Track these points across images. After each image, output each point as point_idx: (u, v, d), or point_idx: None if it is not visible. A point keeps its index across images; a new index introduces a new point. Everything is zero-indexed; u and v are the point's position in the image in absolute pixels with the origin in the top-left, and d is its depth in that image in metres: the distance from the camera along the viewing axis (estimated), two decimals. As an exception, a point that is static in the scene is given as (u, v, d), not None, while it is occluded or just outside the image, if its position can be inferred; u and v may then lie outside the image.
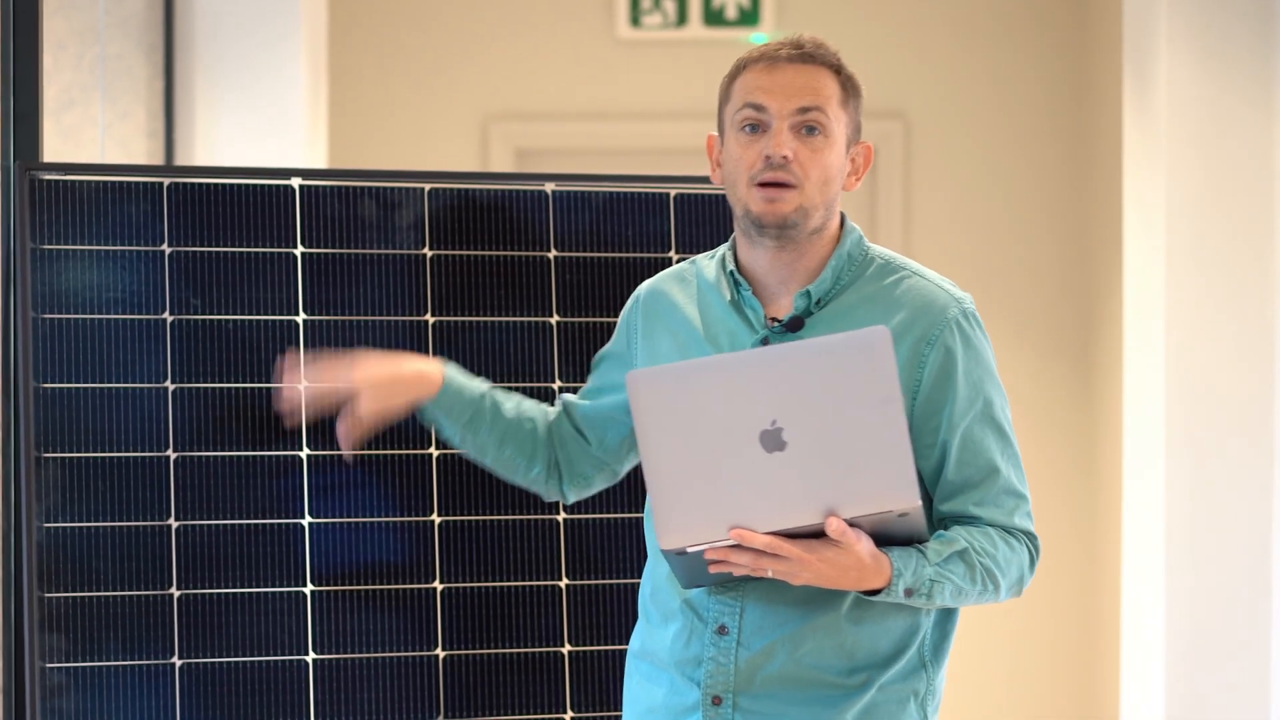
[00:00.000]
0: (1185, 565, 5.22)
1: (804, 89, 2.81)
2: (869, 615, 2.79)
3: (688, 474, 2.61)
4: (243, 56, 5.24)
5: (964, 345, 2.82)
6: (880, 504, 2.61)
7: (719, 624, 2.80)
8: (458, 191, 3.64)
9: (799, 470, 2.60)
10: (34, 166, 3.49)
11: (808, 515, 2.60)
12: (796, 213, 2.78)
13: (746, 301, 2.86)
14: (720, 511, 2.60)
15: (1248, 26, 5.19)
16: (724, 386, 2.61)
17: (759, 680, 2.79)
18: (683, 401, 2.61)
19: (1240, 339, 5.20)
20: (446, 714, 3.53)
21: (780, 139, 2.78)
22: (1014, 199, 6.84)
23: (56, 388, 3.45)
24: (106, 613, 3.43)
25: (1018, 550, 2.84)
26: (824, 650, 2.78)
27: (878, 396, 2.59)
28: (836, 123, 2.82)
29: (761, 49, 2.86)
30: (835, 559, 2.62)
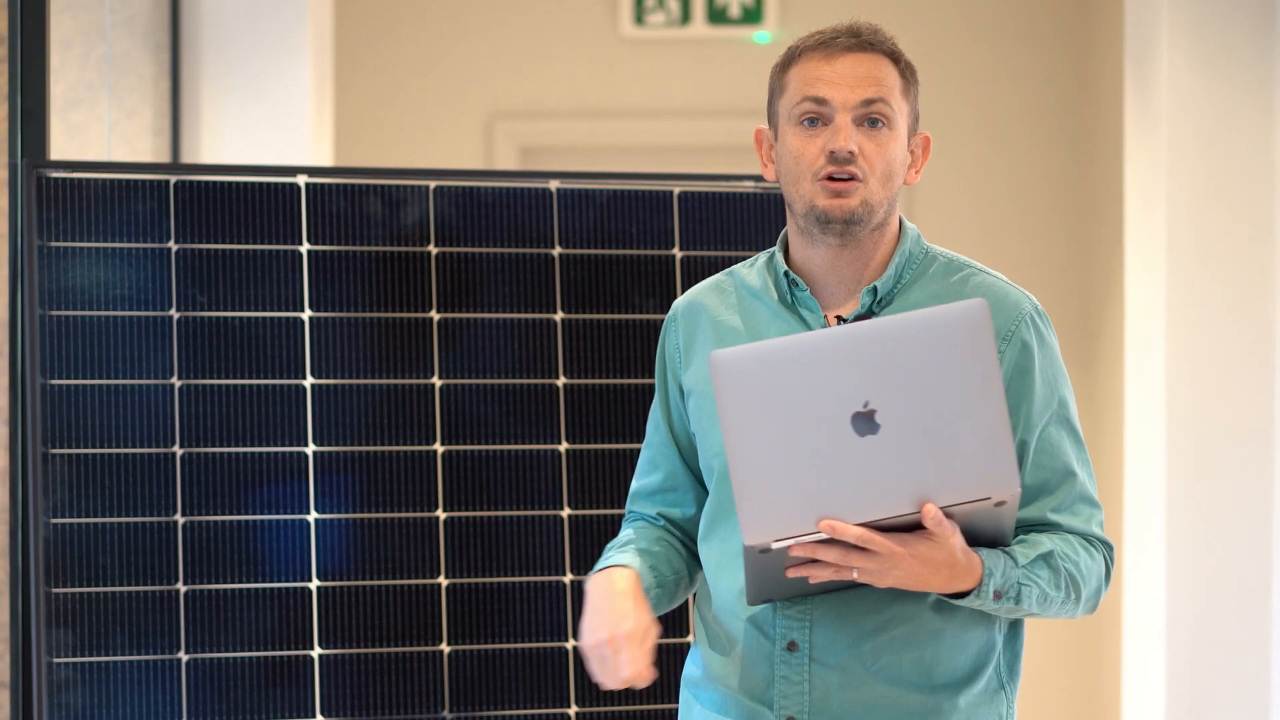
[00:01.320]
0: (1186, 561, 5.22)
1: (866, 79, 2.65)
2: (948, 628, 2.63)
3: (774, 462, 2.42)
4: (248, 55, 5.24)
5: (1039, 343, 2.71)
6: (979, 490, 2.43)
7: (788, 640, 2.63)
8: (463, 189, 3.65)
9: (893, 455, 2.42)
10: (41, 164, 3.50)
11: (902, 504, 2.42)
12: (862, 207, 2.63)
13: (803, 301, 2.71)
14: (809, 502, 2.42)
15: (1248, 24, 5.20)
16: (813, 366, 2.42)
17: (835, 699, 2.62)
18: (769, 383, 2.42)
19: (1241, 334, 5.20)
20: (452, 708, 3.53)
21: (845, 133, 2.62)
22: (1016, 195, 6.84)
23: (63, 384, 3.46)
24: (113, 608, 3.44)
25: (1096, 560, 2.67)
26: (902, 665, 2.62)
27: (977, 374, 2.42)
28: (899, 113, 2.67)
29: (816, 36, 2.70)
30: (928, 554, 2.46)
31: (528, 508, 3.59)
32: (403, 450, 3.56)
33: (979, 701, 2.67)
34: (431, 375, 3.60)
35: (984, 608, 2.57)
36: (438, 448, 3.57)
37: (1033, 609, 2.60)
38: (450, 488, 3.57)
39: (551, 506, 3.60)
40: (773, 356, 2.44)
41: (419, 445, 3.57)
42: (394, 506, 3.55)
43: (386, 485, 3.55)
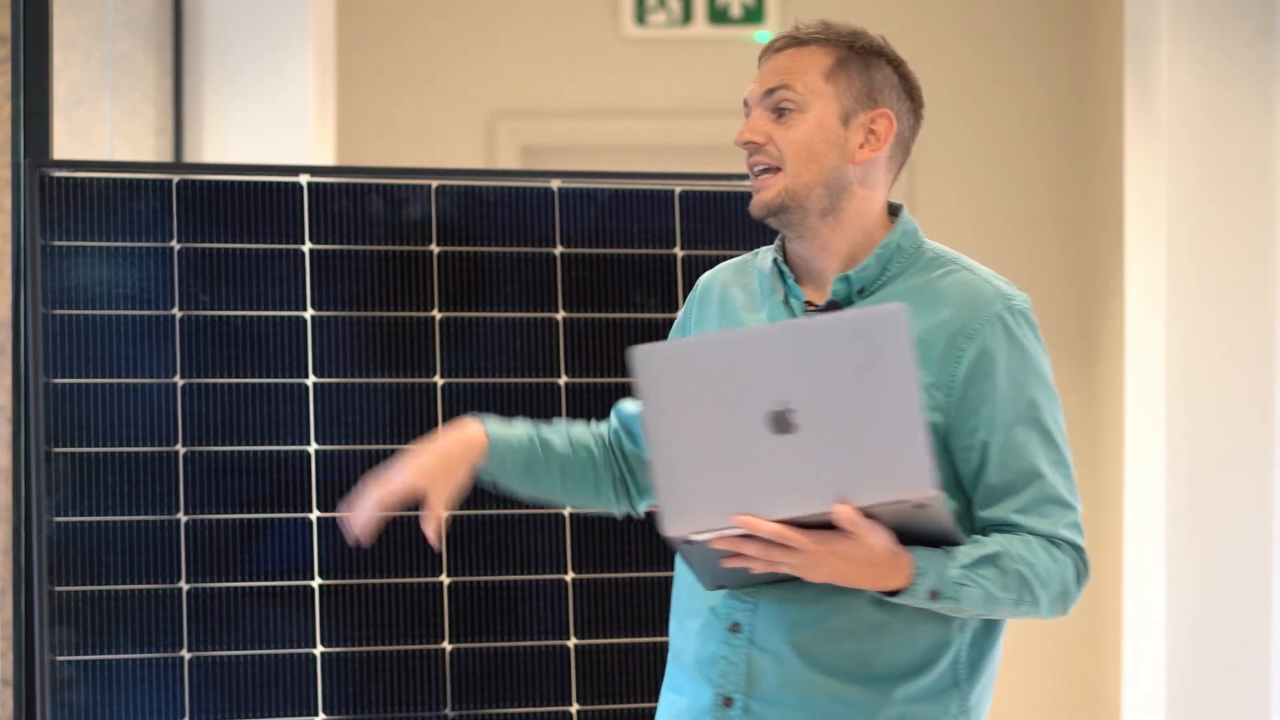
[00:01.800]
0: (1186, 561, 5.22)
1: (775, 71, 2.71)
2: (893, 624, 2.63)
3: (694, 457, 2.46)
4: (251, 54, 5.25)
5: (1008, 343, 2.68)
6: (895, 493, 2.44)
7: (732, 621, 2.67)
8: (464, 188, 3.65)
9: (809, 455, 2.43)
10: (44, 163, 3.50)
11: (818, 503, 2.44)
12: (781, 195, 2.67)
13: (791, 290, 2.73)
14: (727, 498, 2.45)
15: (1248, 24, 5.20)
16: (732, 364, 2.46)
17: (769, 682, 2.65)
18: (690, 379, 2.46)
19: (1241, 334, 5.21)
20: (453, 706, 3.54)
21: (747, 124, 2.71)
22: (1017, 195, 6.85)
23: (66, 383, 3.46)
24: (116, 606, 3.44)
25: (1061, 562, 2.64)
26: (839, 656, 2.63)
27: (892, 377, 2.43)
28: (814, 95, 2.69)
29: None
30: (849, 552, 2.47)
31: (529, 506, 3.57)
32: (405, 449, 3.56)
33: (921, 697, 2.66)
34: (434, 374, 3.60)
35: (922, 606, 2.57)
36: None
37: (976, 609, 2.59)
38: (452, 486, 3.57)
39: (552, 505, 3.60)
40: (693, 352, 2.49)
41: (421, 444, 3.58)
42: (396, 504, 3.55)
43: (389, 484, 3.55)
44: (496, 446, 2.87)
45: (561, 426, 2.95)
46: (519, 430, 2.90)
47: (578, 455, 2.93)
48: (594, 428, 2.97)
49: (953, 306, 2.67)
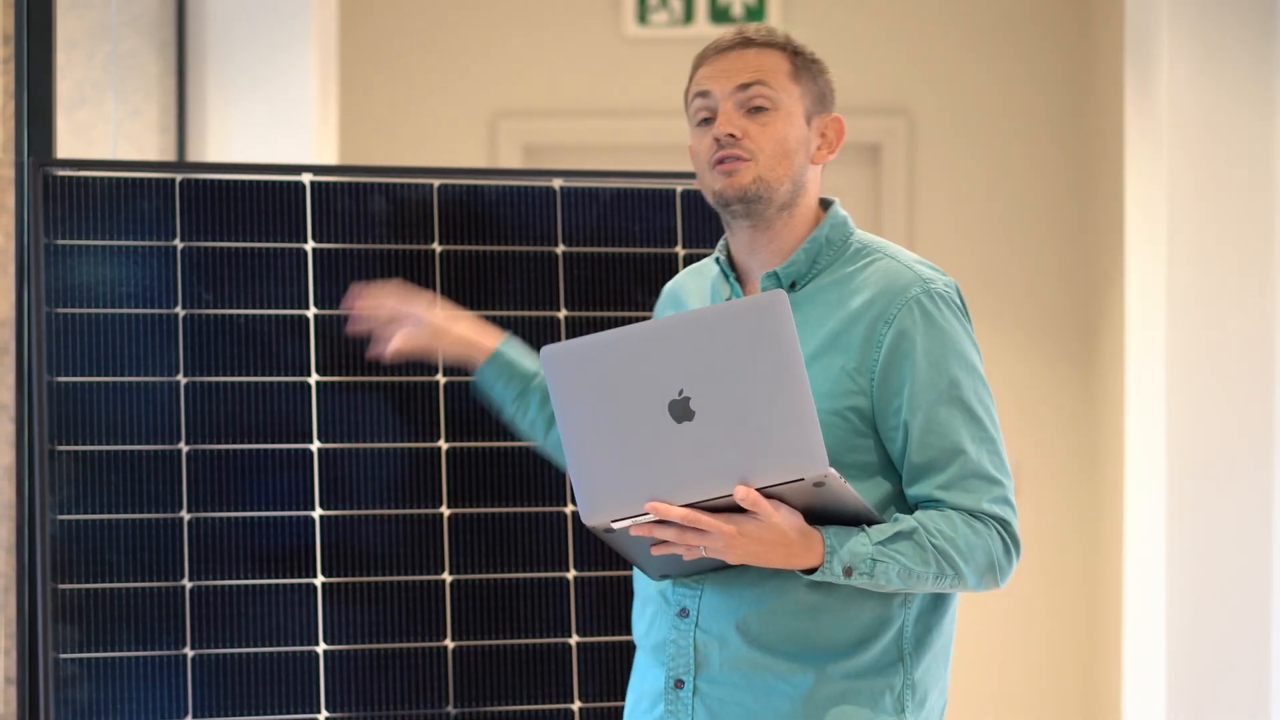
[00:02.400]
0: (1186, 559, 5.23)
1: (744, 67, 2.80)
2: (828, 604, 2.73)
3: (604, 449, 2.58)
4: (254, 54, 5.25)
5: (925, 324, 2.75)
6: (791, 472, 2.55)
7: (680, 606, 2.79)
8: (466, 187, 3.65)
9: (709, 439, 2.55)
10: (47, 162, 3.50)
11: (722, 486, 2.56)
12: (755, 183, 2.78)
13: (734, 290, 2.86)
14: (638, 486, 2.57)
15: (1248, 26, 5.20)
16: (632, 357, 2.58)
17: (716, 664, 2.76)
18: (594, 375, 2.58)
19: (1241, 335, 5.21)
20: (456, 704, 3.54)
21: (724, 118, 2.79)
22: (1017, 195, 6.85)
23: (70, 381, 3.46)
24: (119, 604, 3.44)
25: (984, 535, 2.71)
26: (777, 635, 2.74)
27: (777, 361, 2.54)
28: (786, 95, 2.81)
29: (707, 45, 2.88)
30: (757, 533, 2.58)
31: (531, 504, 3.59)
32: (407, 447, 3.57)
33: (862, 673, 2.75)
34: (436, 372, 3.60)
35: (837, 582, 2.67)
36: (442, 445, 3.58)
37: (893, 583, 2.67)
38: (454, 484, 3.57)
39: (555, 503, 3.61)
40: (595, 349, 2.60)
41: (423, 442, 3.58)
42: (398, 503, 3.56)
43: (391, 482, 3.56)
44: (499, 361, 3.10)
45: None
46: (531, 364, 3.12)
47: None
48: None
49: (871, 292, 2.77)
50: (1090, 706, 6.77)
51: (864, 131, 6.75)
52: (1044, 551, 6.64)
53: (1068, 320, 6.76)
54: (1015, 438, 6.55)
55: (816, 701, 2.74)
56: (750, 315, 2.55)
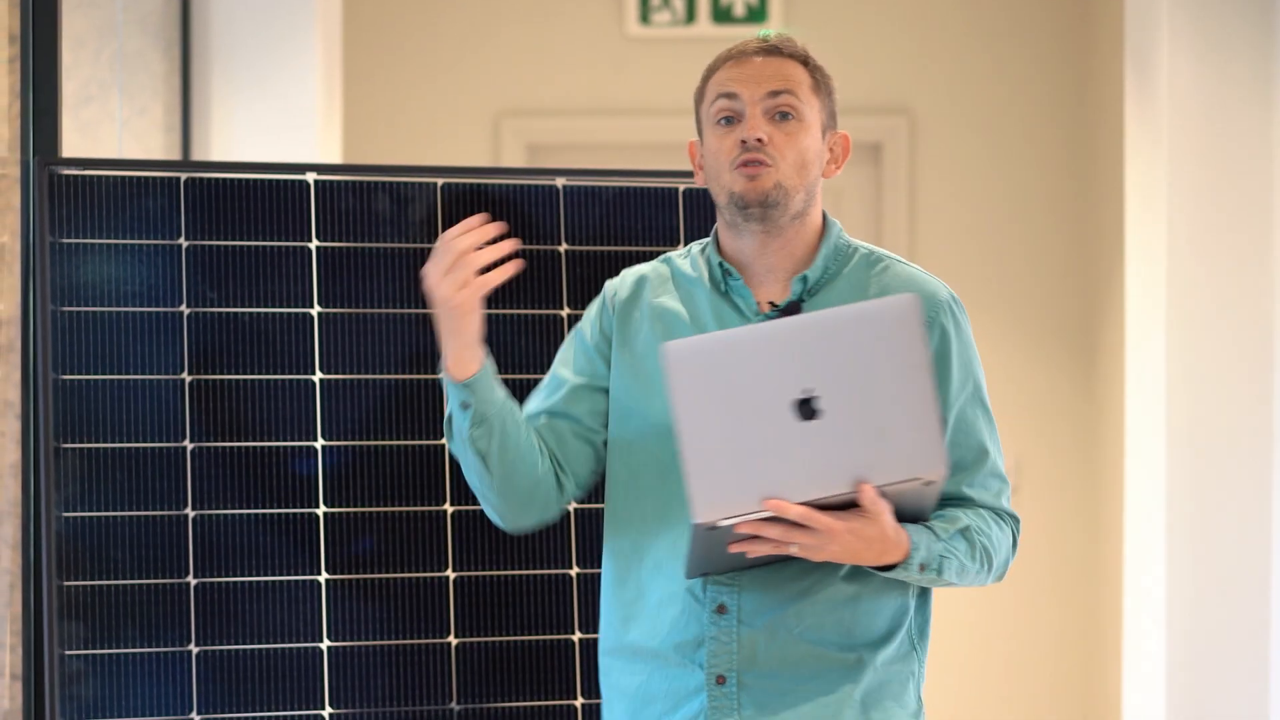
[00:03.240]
0: (1186, 559, 5.23)
1: (773, 75, 2.87)
2: (865, 593, 2.81)
3: (722, 446, 2.58)
4: (258, 53, 5.26)
5: (956, 329, 2.87)
6: (911, 471, 2.61)
7: (718, 604, 2.81)
8: (470, 186, 3.65)
9: (832, 439, 2.58)
10: (53, 161, 3.50)
11: (839, 484, 2.59)
12: (776, 190, 2.83)
13: (736, 290, 2.89)
14: (754, 483, 2.58)
15: (1248, 22, 5.21)
16: (758, 356, 2.59)
17: (762, 657, 2.80)
18: (717, 372, 2.59)
19: (1241, 330, 5.21)
20: (459, 700, 3.54)
21: (754, 123, 2.83)
22: (1017, 192, 6.86)
23: (75, 379, 3.46)
24: (124, 601, 3.45)
25: (1005, 532, 2.87)
26: (824, 625, 2.80)
27: (908, 363, 2.59)
28: (809, 107, 2.87)
29: (730, 48, 2.94)
30: (863, 530, 2.63)
31: (534, 501, 3.59)
32: (411, 445, 3.57)
33: (893, 659, 2.85)
34: (440, 370, 3.60)
35: (907, 578, 2.74)
36: (445, 442, 3.58)
37: (950, 579, 2.78)
38: (458, 482, 3.55)
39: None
40: (721, 347, 2.61)
41: (427, 440, 3.58)
42: (402, 500, 3.56)
43: (395, 479, 3.56)
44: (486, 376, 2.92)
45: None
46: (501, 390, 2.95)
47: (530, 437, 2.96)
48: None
49: None
50: (1090, 707, 6.77)
51: (865, 130, 6.76)
52: (1044, 547, 6.65)
53: (1068, 317, 6.77)
54: (1016, 434, 6.56)
55: (866, 689, 2.82)
56: (886, 317, 2.60)
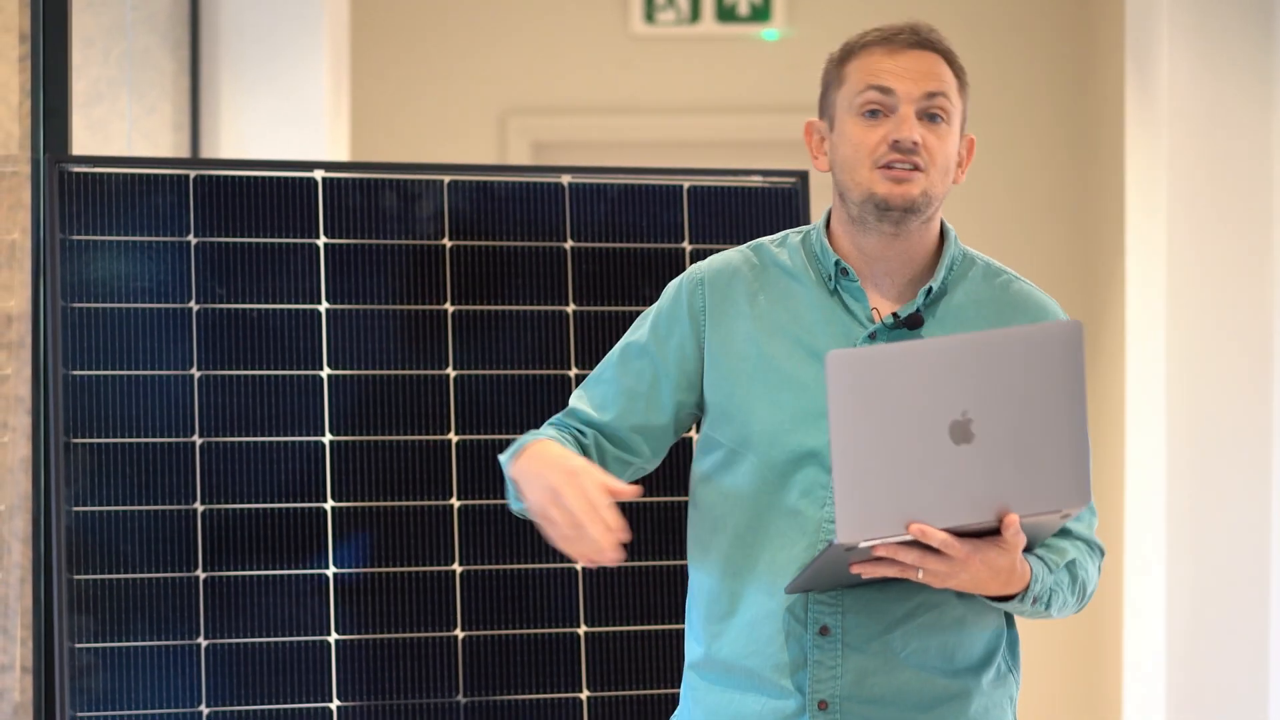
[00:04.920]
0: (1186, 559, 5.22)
1: (929, 74, 2.73)
2: (970, 616, 2.70)
3: (874, 465, 2.42)
4: (267, 52, 5.26)
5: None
6: (1056, 503, 2.49)
7: (820, 625, 2.67)
8: (476, 184, 3.66)
9: (984, 464, 2.44)
10: (63, 159, 3.51)
11: (984, 512, 2.46)
12: (923, 197, 2.69)
13: (850, 291, 2.74)
14: (901, 505, 2.44)
15: (1248, 22, 5.21)
16: (920, 373, 2.44)
17: (868, 683, 2.67)
18: (879, 387, 2.43)
19: (1241, 330, 5.21)
20: (465, 693, 3.55)
21: (910, 123, 2.68)
22: (1018, 191, 6.86)
23: (85, 375, 3.47)
24: (134, 594, 3.45)
25: (1095, 565, 2.74)
26: (929, 651, 2.68)
27: (1067, 391, 2.46)
28: (956, 111, 2.73)
29: (877, 32, 2.77)
30: (995, 561, 2.51)
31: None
32: (418, 440, 3.57)
33: (992, 684, 2.73)
34: (446, 366, 3.61)
35: (1016, 610, 2.63)
36: (452, 437, 3.58)
37: (1052, 612, 2.67)
38: (464, 476, 3.57)
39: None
40: (886, 360, 2.45)
41: (434, 435, 3.58)
42: (409, 495, 3.56)
43: (402, 474, 3.56)
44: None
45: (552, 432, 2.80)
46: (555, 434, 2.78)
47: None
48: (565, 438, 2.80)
49: (1032, 316, 2.76)
50: (1090, 706, 6.77)
51: (870, 128, 6.77)
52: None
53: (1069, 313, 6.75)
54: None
55: (972, 715, 2.71)
56: (1050, 342, 2.47)
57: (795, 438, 2.70)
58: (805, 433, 2.69)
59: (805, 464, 2.69)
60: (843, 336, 2.72)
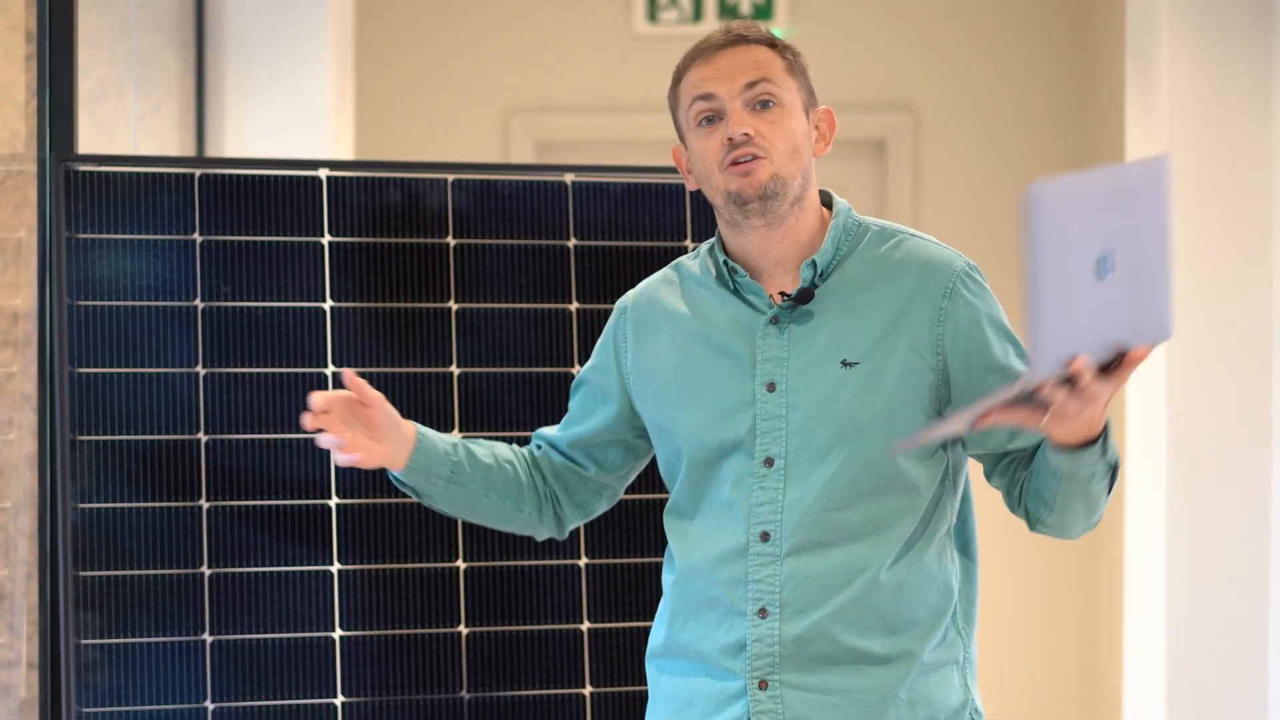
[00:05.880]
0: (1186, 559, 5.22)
1: (745, 66, 2.76)
2: (907, 580, 2.73)
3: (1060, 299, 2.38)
4: (272, 51, 5.27)
5: (981, 295, 2.78)
6: (1154, 335, 2.48)
7: (759, 607, 2.73)
8: (480, 182, 3.66)
9: (1116, 299, 2.42)
10: (69, 158, 3.51)
11: (1110, 347, 2.45)
12: (772, 181, 2.73)
13: (745, 287, 2.80)
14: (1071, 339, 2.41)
15: (1247, 22, 5.21)
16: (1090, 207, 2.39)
17: (805, 659, 2.73)
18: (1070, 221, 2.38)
19: (1241, 332, 5.21)
20: (469, 689, 3.56)
21: (737, 117, 2.74)
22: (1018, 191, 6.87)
23: (91, 372, 3.48)
24: (140, 590, 3.46)
25: None
26: (866, 621, 2.72)
27: (1166, 225, 2.46)
28: (787, 91, 2.77)
29: (695, 46, 2.83)
30: (1107, 396, 2.50)
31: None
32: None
33: (936, 648, 2.77)
34: (450, 364, 3.62)
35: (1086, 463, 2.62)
36: (455, 435, 3.59)
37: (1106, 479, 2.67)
38: (468, 473, 3.59)
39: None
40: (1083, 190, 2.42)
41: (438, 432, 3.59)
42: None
43: (406, 471, 3.57)
44: (423, 446, 2.87)
45: (486, 443, 2.97)
46: (446, 438, 2.92)
47: (504, 470, 2.95)
48: (518, 450, 3.00)
49: (919, 272, 2.79)
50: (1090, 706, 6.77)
51: (869, 127, 6.78)
52: (1044, 547, 6.65)
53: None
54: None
55: (911, 685, 2.74)
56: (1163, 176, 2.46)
57: (718, 433, 2.78)
58: (726, 426, 2.78)
59: (729, 454, 2.78)
60: (747, 327, 2.80)
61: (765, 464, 2.75)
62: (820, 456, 2.74)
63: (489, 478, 2.93)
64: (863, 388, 2.74)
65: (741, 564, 2.76)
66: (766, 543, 2.74)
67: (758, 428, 2.76)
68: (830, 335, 2.77)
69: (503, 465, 2.95)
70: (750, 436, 2.76)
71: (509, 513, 2.96)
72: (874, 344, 2.76)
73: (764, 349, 2.78)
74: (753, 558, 2.75)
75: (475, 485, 2.92)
